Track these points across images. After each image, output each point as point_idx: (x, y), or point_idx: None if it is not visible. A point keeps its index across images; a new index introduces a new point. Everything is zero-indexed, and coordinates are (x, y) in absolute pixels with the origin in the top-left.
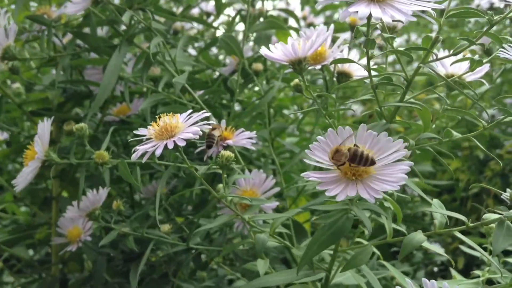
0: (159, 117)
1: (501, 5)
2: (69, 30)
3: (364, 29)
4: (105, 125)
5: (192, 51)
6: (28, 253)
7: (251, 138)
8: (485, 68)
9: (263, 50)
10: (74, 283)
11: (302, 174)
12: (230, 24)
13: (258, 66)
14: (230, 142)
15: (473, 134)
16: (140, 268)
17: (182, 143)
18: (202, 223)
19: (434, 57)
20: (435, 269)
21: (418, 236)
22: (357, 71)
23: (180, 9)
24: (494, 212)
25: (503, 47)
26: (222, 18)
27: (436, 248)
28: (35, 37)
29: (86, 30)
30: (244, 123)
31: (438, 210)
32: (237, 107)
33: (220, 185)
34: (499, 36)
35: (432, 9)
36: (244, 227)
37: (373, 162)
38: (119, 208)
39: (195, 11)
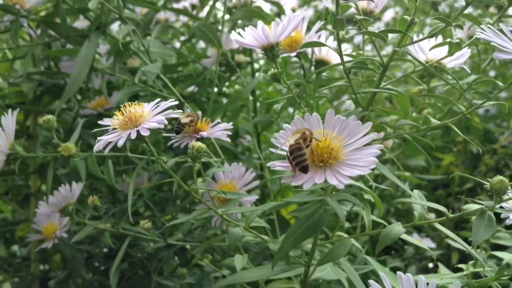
0: (125, 107)
1: None
2: (38, 19)
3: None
4: (83, 118)
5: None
6: (5, 250)
7: (227, 130)
8: (466, 53)
9: (233, 35)
10: (56, 282)
11: (268, 164)
12: (208, 13)
13: (241, 57)
14: (204, 134)
15: (452, 120)
16: (115, 265)
17: (145, 133)
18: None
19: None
20: (430, 264)
21: (397, 228)
22: (336, 58)
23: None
24: (475, 202)
25: (481, 28)
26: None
27: (414, 240)
28: (7, 28)
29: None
30: (228, 116)
31: (417, 201)
32: (225, 102)
33: (199, 179)
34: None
35: None
36: (222, 222)
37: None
38: (94, 204)
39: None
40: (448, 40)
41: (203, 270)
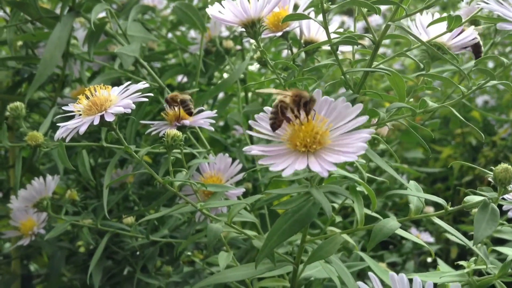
0: (89, 90)
1: None
2: (9, 1)
3: None
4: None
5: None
6: None
7: (210, 117)
8: (473, 34)
9: (210, 10)
10: (39, 281)
11: (244, 149)
12: None
13: (229, 43)
14: (186, 122)
15: (450, 103)
16: (93, 263)
17: (110, 118)
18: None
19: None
20: (429, 259)
21: (391, 223)
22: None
23: None
24: (477, 194)
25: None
26: None
27: (411, 236)
28: None
29: None
30: (216, 106)
31: (413, 193)
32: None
33: (183, 172)
34: None
35: None
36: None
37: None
38: (72, 198)
39: None
40: (446, 15)
41: (195, 267)
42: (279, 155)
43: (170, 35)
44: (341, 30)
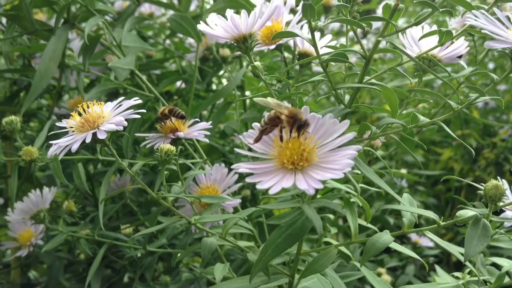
0: (82, 107)
1: None
2: (3, 14)
3: None
4: (59, 118)
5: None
6: None
7: (205, 129)
8: (463, 44)
9: (201, 26)
10: None
11: (232, 166)
12: (186, 1)
13: (225, 51)
14: (181, 134)
15: (441, 118)
16: (91, 273)
17: (102, 136)
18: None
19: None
20: (431, 260)
21: (384, 237)
22: (321, 51)
23: None
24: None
25: (473, 14)
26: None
27: (405, 250)
28: None
29: None
30: (214, 114)
31: (406, 208)
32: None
33: (176, 187)
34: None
35: None
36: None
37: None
38: (70, 209)
39: None
40: (436, 29)
41: (194, 274)
42: (267, 173)
43: (168, 41)
44: (333, 43)
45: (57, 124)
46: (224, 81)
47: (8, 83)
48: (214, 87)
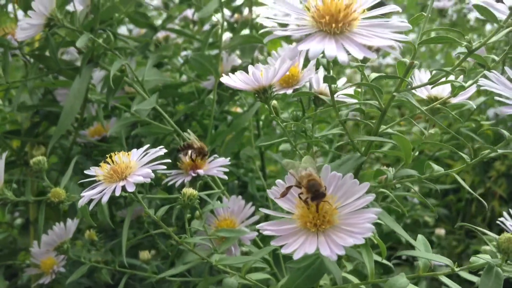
0: (110, 157)
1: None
2: (29, 53)
3: (324, 61)
4: (80, 146)
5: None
6: (4, 282)
7: (224, 165)
8: (471, 89)
9: (224, 79)
10: None
11: (257, 226)
12: (204, 41)
13: None
14: (201, 172)
15: (456, 170)
16: None
17: (131, 189)
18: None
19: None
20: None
21: (401, 280)
22: (337, 98)
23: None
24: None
25: (484, 76)
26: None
27: None
28: None
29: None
30: (226, 142)
31: (421, 254)
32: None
33: (196, 221)
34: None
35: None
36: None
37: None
38: (91, 238)
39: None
40: (451, 79)
41: None
42: (290, 234)
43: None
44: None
45: (86, 172)
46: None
47: (29, 113)
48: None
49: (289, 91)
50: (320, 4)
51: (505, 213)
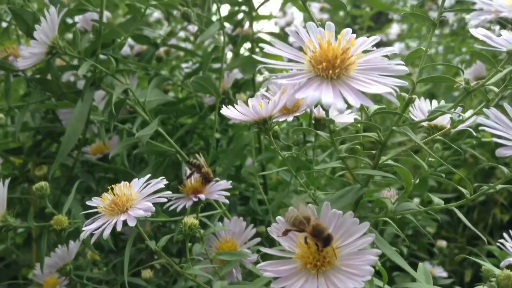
0: (111, 189)
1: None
2: (30, 78)
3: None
4: (82, 164)
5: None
6: None
7: (225, 189)
8: (472, 118)
9: (224, 111)
10: None
11: (257, 266)
12: (205, 62)
13: (242, 97)
14: (202, 196)
15: (456, 204)
16: None
17: (132, 223)
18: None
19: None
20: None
21: None
22: (337, 117)
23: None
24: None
25: (485, 112)
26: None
27: None
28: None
29: None
30: (228, 158)
31: (421, 286)
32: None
33: (197, 245)
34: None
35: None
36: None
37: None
38: (94, 258)
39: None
40: (451, 113)
41: None
42: (291, 275)
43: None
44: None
45: (87, 203)
46: None
47: (31, 133)
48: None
49: (290, 118)
50: (317, 48)
51: (505, 235)
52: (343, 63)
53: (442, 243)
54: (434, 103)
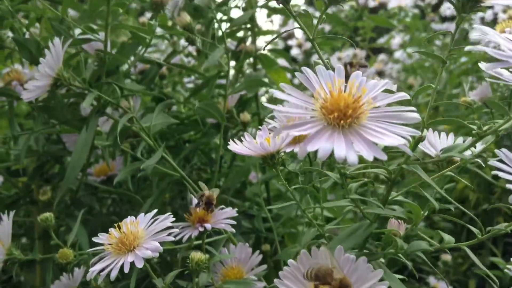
0: (118, 226)
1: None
2: (34, 105)
3: None
4: (86, 186)
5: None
6: None
7: (231, 217)
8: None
9: (231, 147)
10: None
11: None
12: (210, 85)
13: (246, 117)
14: (208, 226)
15: (466, 244)
16: None
17: (140, 264)
18: None
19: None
20: None
21: None
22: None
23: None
24: None
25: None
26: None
27: None
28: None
29: None
30: (231, 179)
31: None
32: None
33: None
34: None
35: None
36: None
37: None
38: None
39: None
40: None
41: None
42: None
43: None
44: None
45: (93, 239)
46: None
47: (35, 156)
48: None
49: (297, 149)
50: (328, 96)
51: None
52: (355, 112)
53: (447, 257)
54: (443, 137)
